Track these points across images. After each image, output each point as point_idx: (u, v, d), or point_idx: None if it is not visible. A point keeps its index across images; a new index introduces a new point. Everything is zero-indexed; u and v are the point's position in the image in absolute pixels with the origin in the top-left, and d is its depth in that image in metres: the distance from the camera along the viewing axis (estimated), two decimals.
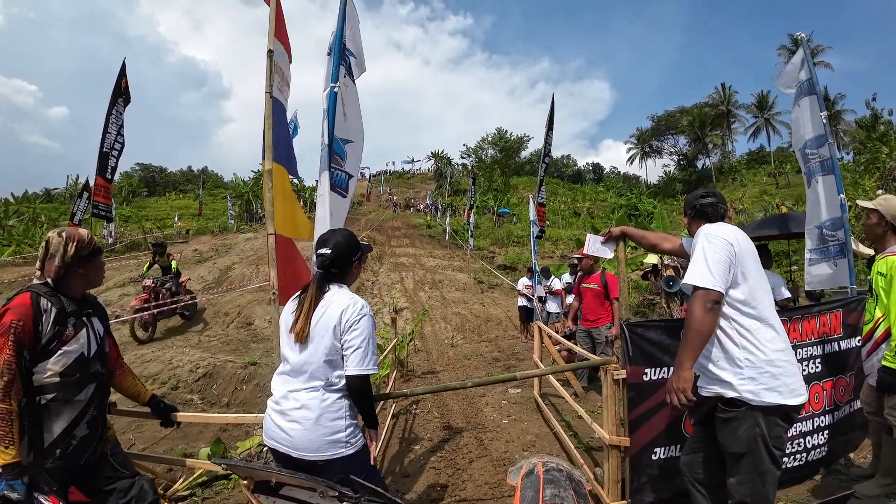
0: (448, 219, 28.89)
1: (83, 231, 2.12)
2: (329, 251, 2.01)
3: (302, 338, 1.93)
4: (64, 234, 2.05)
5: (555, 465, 1.62)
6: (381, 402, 5.23)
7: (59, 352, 1.97)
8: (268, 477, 0.71)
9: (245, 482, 0.71)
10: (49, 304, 1.96)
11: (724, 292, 1.97)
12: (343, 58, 2.97)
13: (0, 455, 1.82)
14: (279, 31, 2.88)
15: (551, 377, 4.93)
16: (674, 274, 9.66)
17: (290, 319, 2.02)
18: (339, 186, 3.01)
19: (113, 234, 25.48)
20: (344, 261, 2.04)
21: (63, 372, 1.98)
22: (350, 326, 1.91)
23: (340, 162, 3.04)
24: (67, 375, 1.99)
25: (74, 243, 2.04)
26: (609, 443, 2.88)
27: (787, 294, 4.78)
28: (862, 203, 3.05)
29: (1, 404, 1.83)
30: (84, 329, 2.08)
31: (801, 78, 4.36)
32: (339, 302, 1.95)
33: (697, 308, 1.94)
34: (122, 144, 8.13)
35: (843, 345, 3.36)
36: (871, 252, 4.57)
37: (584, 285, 6.01)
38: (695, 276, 1.99)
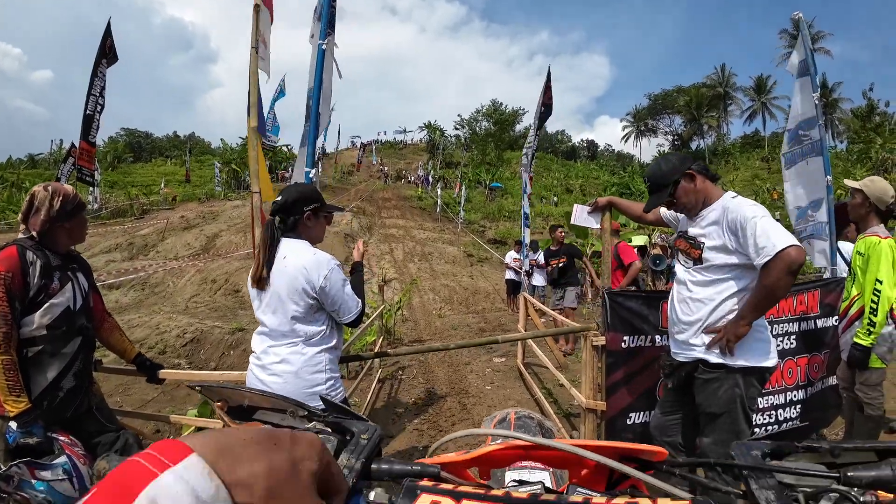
0: (440, 191, 28.75)
1: (68, 186, 2.12)
2: (280, 198, 2.02)
3: (256, 281, 1.96)
4: (50, 188, 2.04)
5: (527, 414, 1.66)
6: (368, 363, 5.30)
7: (46, 304, 1.98)
8: (240, 399, 0.73)
9: (219, 403, 0.73)
10: (35, 257, 1.96)
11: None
12: (332, 16, 2.90)
13: (13, 404, 1.87)
14: None
15: (534, 346, 5.02)
16: (661, 252, 9.80)
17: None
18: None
19: (98, 199, 25.05)
20: (294, 208, 2.01)
21: (50, 325, 2.00)
22: (324, 287, 1.92)
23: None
24: (54, 328, 2.01)
25: (60, 197, 2.03)
26: (586, 406, 2.96)
27: None
28: (849, 182, 3.09)
29: (4, 356, 1.86)
30: (69, 283, 2.09)
31: (796, 59, 4.33)
32: (299, 259, 1.93)
33: (783, 270, 1.83)
34: (103, 106, 7.94)
35: (820, 323, 3.43)
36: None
37: None
38: (780, 237, 1.85)
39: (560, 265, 7.10)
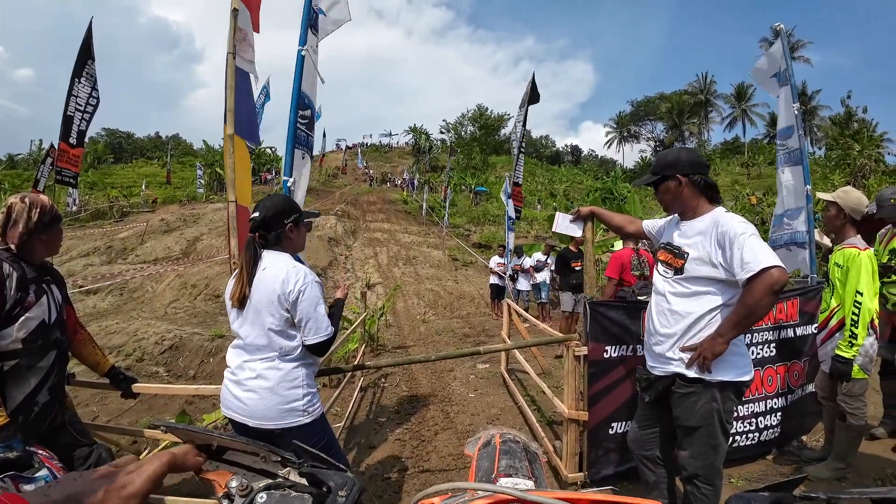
0: (425, 195, 28.72)
1: (44, 197, 2.10)
2: (257, 214, 1.97)
3: (237, 302, 1.91)
4: (27, 200, 2.03)
5: (512, 437, 1.64)
6: (349, 374, 5.23)
7: (22, 318, 1.95)
8: (208, 440, 0.68)
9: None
10: (11, 270, 1.93)
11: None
12: (313, 21, 2.88)
13: None
14: None
15: (517, 353, 5.01)
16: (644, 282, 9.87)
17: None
18: (310, 149, 3.01)
19: (77, 201, 24.52)
20: (274, 222, 1.97)
21: (26, 338, 1.97)
22: (296, 299, 1.88)
23: (313, 128, 3.03)
24: (30, 342, 1.98)
25: (38, 209, 2.02)
26: (568, 416, 2.95)
27: None
28: (822, 195, 3.12)
29: None
30: (45, 296, 2.06)
31: (779, 68, 4.40)
32: (277, 270, 1.91)
33: (765, 290, 1.83)
34: (97, 101, 7.75)
35: (799, 331, 3.47)
36: (829, 244, 4.74)
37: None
38: (767, 256, 1.84)
39: (580, 268, 7.01)
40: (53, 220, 2.09)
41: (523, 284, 10.72)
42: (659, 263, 2.28)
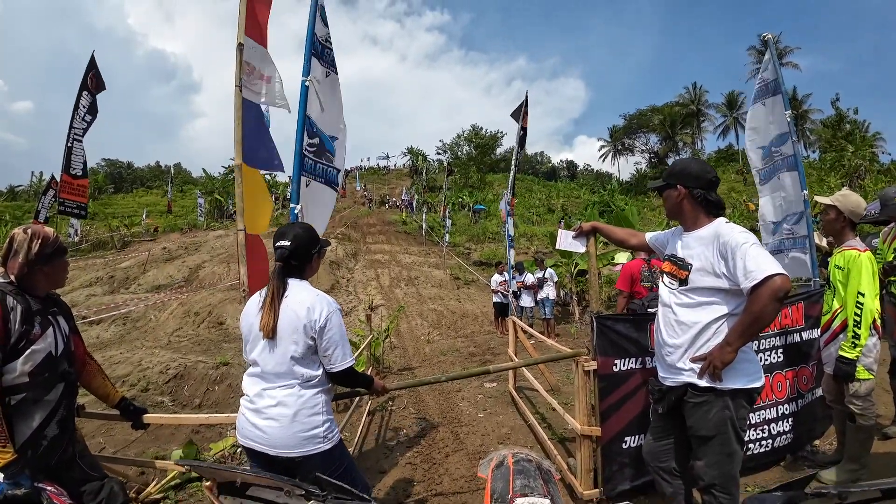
0: (424, 215, 28.84)
1: (48, 229, 2.07)
2: (288, 243, 1.97)
3: (269, 332, 1.90)
4: (29, 231, 2.00)
5: (524, 456, 1.64)
6: (357, 398, 5.21)
7: (28, 351, 1.92)
8: (232, 478, 0.70)
9: (208, 484, 0.70)
10: (15, 303, 1.91)
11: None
12: (318, 51, 2.95)
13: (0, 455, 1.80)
14: (253, 25, 2.82)
15: (525, 370, 4.99)
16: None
17: (253, 321, 1.98)
18: (332, 182, 3.05)
19: (78, 231, 24.62)
20: (303, 253, 2.01)
21: (32, 371, 1.94)
22: (324, 326, 1.89)
23: (331, 158, 3.08)
24: (37, 375, 1.95)
25: (39, 240, 1.99)
26: (581, 433, 2.94)
27: None
28: (820, 199, 3.15)
29: None
30: (50, 328, 2.03)
31: (767, 77, 4.49)
32: (302, 298, 1.92)
33: (769, 297, 1.85)
34: (85, 130, 7.84)
35: (805, 335, 3.48)
36: (827, 247, 4.78)
37: None
38: (769, 264, 1.87)
39: None
40: (56, 252, 2.06)
41: (526, 301, 10.71)
42: (664, 275, 2.31)
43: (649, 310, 4.29)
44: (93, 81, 8.26)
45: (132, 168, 69.90)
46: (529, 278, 10.66)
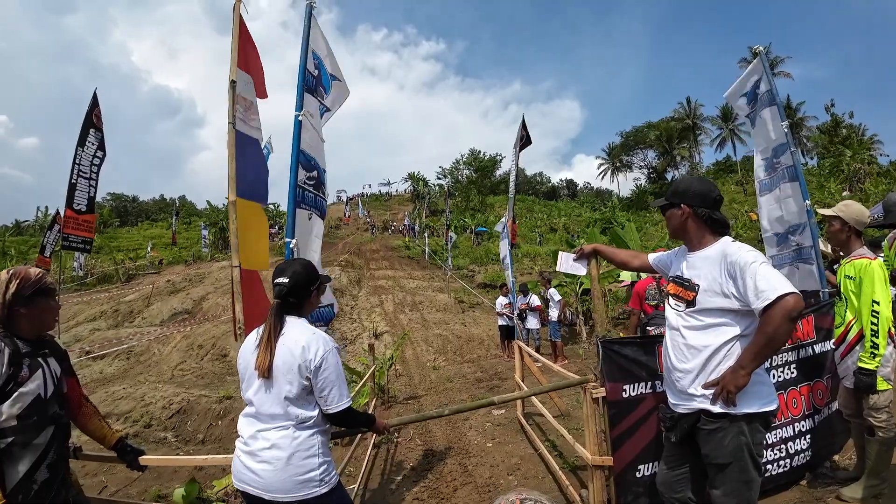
0: (427, 239, 28.89)
1: (32, 270, 2.03)
2: (287, 280, 1.95)
3: (264, 371, 1.85)
4: (10, 272, 1.97)
5: (534, 500, 1.56)
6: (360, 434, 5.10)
7: (15, 394, 1.87)
8: None
9: None
10: (2, 345, 1.88)
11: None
12: (311, 86, 2.98)
13: None
14: (246, 60, 2.86)
15: (533, 397, 4.88)
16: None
17: (250, 359, 1.94)
18: (323, 211, 3.08)
19: (83, 266, 24.76)
20: (302, 290, 1.98)
21: (20, 415, 1.88)
22: (319, 366, 1.84)
23: (323, 189, 3.10)
24: (25, 418, 1.90)
25: (17, 281, 1.95)
26: (592, 463, 2.83)
27: None
28: (823, 211, 3.11)
29: None
30: (39, 370, 1.99)
31: (761, 90, 4.49)
32: (297, 337, 1.88)
33: (783, 317, 1.79)
34: (101, 160, 7.95)
35: (818, 349, 3.39)
36: (832, 253, 4.70)
37: None
38: (781, 283, 1.82)
39: None
40: (37, 293, 2.00)
41: (532, 323, 10.58)
42: (670, 297, 2.25)
43: (647, 328, 4.20)
44: (98, 118, 8.41)
45: (137, 201, 70.75)
46: (535, 300, 10.55)
